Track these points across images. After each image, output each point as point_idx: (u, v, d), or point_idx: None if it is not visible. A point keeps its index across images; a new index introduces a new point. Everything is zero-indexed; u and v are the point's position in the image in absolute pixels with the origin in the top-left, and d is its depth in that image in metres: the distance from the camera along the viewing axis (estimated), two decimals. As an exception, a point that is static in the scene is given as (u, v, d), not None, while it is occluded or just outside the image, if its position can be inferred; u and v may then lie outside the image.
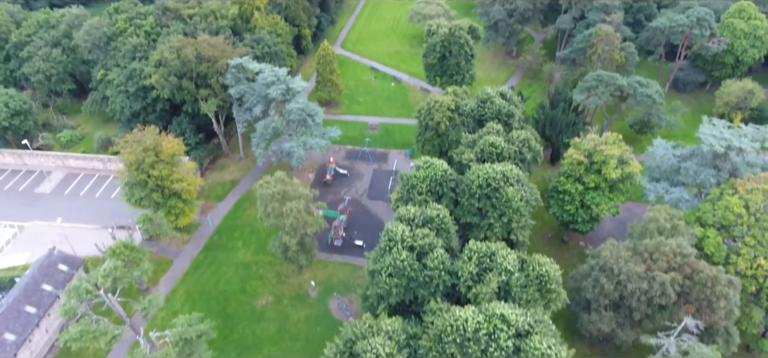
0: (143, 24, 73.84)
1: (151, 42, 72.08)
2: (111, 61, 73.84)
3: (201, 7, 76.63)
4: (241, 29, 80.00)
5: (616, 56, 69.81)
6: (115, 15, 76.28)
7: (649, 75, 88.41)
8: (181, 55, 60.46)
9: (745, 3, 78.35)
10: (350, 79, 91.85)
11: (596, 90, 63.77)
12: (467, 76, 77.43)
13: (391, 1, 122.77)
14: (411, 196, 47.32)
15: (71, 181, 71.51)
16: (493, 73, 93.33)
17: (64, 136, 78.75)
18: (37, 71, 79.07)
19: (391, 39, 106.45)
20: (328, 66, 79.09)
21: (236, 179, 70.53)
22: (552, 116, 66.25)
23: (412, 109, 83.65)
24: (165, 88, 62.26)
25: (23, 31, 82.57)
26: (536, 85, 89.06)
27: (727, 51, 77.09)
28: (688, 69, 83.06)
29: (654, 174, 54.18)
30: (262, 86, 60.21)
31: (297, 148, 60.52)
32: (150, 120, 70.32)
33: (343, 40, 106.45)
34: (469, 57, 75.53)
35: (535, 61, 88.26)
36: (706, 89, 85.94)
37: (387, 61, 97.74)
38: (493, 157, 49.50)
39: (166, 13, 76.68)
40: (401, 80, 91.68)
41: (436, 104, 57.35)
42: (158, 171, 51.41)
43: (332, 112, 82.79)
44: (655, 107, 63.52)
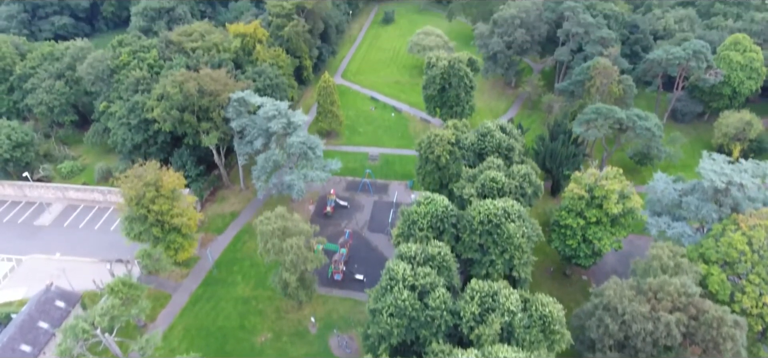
0: (146, 57, 74.74)
1: (154, 75, 72.83)
2: (114, 93, 74.48)
3: (204, 40, 77.73)
4: (244, 61, 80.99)
5: (615, 89, 70.46)
6: (118, 48, 77.29)
7: (648, 105, 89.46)
8: (184, 89, 60.98)
9: (740, 36, 79.58)
10: (351, 109, 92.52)
11: (595, 123, 64.17)
12: (467, 107, 78.12)
13: (390, 32, 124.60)
14: (412, 232, 47.07)
15: (71, 213, 71.28)
16: (493, 103, 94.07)
17: (65, 167, 78.86)
18: (41, 103, 79.67)
19: (391, 69, 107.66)
20: (328, 97, 79.75)
21: (236, 210, 70.32)
22: (552, 148, 66.47)
23: (412, 139, 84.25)
24: (167, 121, 62.61)
25: (28, 63, 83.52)
26: (535, 115, 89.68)
27: (724, 82, 77.85)
28: (686, 100, 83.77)
29: (655, 208, 54.04)
30: (264, 120, 60.58)
31: (298, 181, 60.52)
32: (151, 152, 70.67)
33: (343, 70, 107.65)
34: (469, 89, 76.31)
35: (534, 91, 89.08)
36: (704, 119, 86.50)
37: (387, 92, 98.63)
38: (493, 193, 49.45)
39: (169, 46, 77.73)
40: (401, 110, 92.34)
41: (436, 138, 57.56)
42: (158, 206, 51.26)
43: (333, 142, 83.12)
44: (654, 140, 63.82)
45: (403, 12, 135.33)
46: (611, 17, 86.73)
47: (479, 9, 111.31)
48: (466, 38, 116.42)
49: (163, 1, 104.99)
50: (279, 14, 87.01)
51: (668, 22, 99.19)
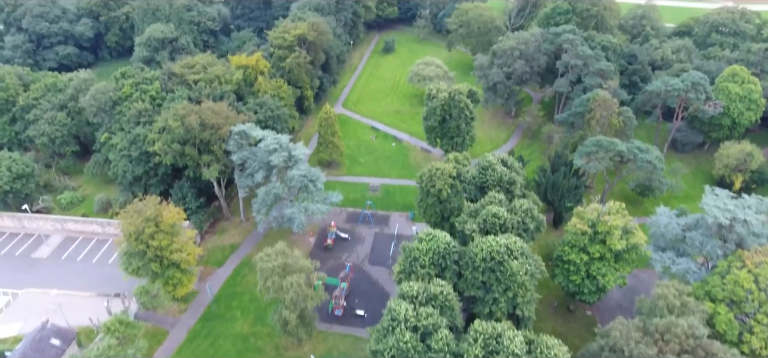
0: (149, 89, 75.28)
1: (156, 107, 73.22)
2: (115, 125, 74.76)
3: (206, 72, 78.42)
4: (245, 93, 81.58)
5: (615, 121, 70.70)
6: (121, 80, 77.92)
7: (647, 135, 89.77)
8: (185, 122, 61.15)
9: (738, 68, 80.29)
10: (351, 138, 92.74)
11: (596, 155, 64.16)
12: (467, 138, 78.33)
13: (391, 61, 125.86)
14: (413, 268, 46.54)
15: (69, 245, 70.67)
16: (493, 133, 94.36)
17: (65, 198, 78.59)
18: (42, 134, 79.89)
19: (392, 98, 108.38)
20: (329, 128, 80.00)
21: (236, 243, 69.76)
22: (553, 180, 66.35)
23: (413, 169, 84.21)
24: (168, 154, 62.63)
25: (31, 95, 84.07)
26: (536, 145, 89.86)
27: (723, 114, 78.16)
28: (686, 130, 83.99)
29: (659, 243, 53.54)
30: (265, 153, 60.58)
31: (298, 215, 60.18)
32: (151, 184, 70.54)
33: (344, 99, 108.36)
34: (469, 120, 76.61)
35: (534, 121, 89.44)
36: (704, 149, 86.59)
37: (387, 121, 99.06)
38: (496, 228, 49.09)
39: (172, 78, 78.37)
40: (402, 140, 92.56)
41: (437, 172, 57.38)
42: (158, 241, 50.79)
43: (334, 173, 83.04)
44: (656, 172, 63.72)
45: (404, 41, 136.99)
46: (609, 49, 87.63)
47: (478, 39, 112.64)
48: (465, 68, 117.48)
49: (167, 32, 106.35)
50: (281, 46, 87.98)
51: (666, 53, 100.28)
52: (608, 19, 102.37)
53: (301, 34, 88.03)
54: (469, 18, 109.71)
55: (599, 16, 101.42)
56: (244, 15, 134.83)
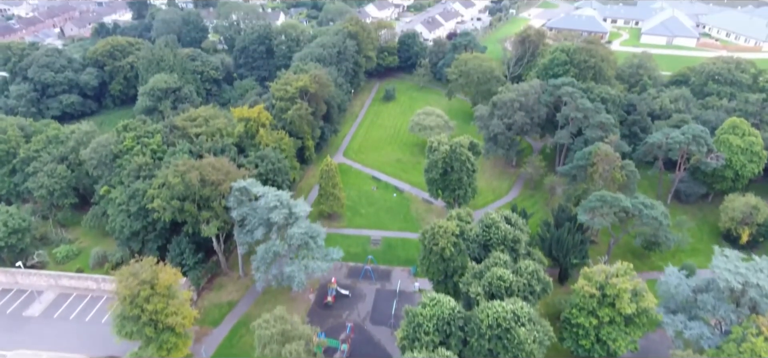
0: (150, 143, 75.25)
1: (157, 161, 72.95)
2: (115, 178, 74.30)
3: (208, 125, 78.65)
4: (247, 145, 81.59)
5: (617, 176, 70.29)
6: (123, 133, 77.99)
7: (650, 185, 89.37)
8: (186, 179, 60.63)
9: (738, 120, 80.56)
10: (352, 189, 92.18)
11: (601, 210, 63.39)
12: (469, 190, 77.70)
13: (391, 110, 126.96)
14: (417, 335, 44.88)
15: (62, 302, 68.82)
16: (495, 183, 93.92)
17: (61, 251, 77.21)
18: (41, 186, 79.27)
19: (393, 147, 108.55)
20: (330, 180, 79.53)
21: (234, 300, 67.99)
22: (558, 236, 65.30)
23: (414, 222, 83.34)
24: (167, 210, 61.81)
25: (32, 146, 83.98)
26: (538, 195, 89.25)
27: (726, 166, 77.88)
28: (689, 181, 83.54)
29: (669, 305, 51.99)
30: (265, 210, 59.75)
31: (298, 273, 58.77)
32: (149, 239, 69.36)
33: (345, 148, 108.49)
34: (471, 172, 76.16)
35: (536, 172, 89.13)
36: (708, 201, 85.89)
37: (389, 171, 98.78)
38: (501, 292, 47.73)
39: (174, 131, 78.52)
40: (403, 191, 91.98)
41: (440, 230, 56.39)
42: (153, 305, 49.21)
43: (334, 225, 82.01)
44: (662, 228, 62.76)
45: (404, 89, 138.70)
46: (608, 101, 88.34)
47: (478, 89, 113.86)
48: (465, 116, 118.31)
49: (170, 82, 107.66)
50: (282, 98, 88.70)
51: (664, 102, 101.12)
52: (606, 69, 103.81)
53: (302, 86, 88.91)
54: (469, 68, 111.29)
55: (597, 67, 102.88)
56: (246, 64, 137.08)
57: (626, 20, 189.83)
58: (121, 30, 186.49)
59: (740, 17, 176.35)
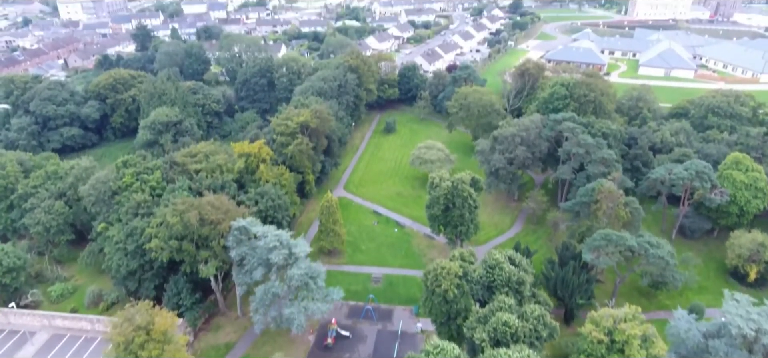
0: (149, 179, 74.67)
1: (156, 198, 72.23)
2: (113, 215, 73.47)
3: (208, 161, 78.24)
4: (247, 181, 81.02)
5: (622, 213, 69.49)
6: (123, 169, 77.51)
7: (654, 220, 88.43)
8: (184, 218, 59.81)
9: (740, 155, 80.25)
10: (353, 224, 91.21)
11: (606, 249, 62.36)
12: (471, 226, 76.81)
13: (392, 142, 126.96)
14: (421, 385, 43.34)
15: (56, 343, 66.97)
16: (497, 218, 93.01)
17: (56, 289, 75.80)
18: (38, 223, 78.40)
19: (394, 180, 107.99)
20: (331, 216, 78.65)
21: (232, 341, 66.25)
22: (563, 275, 64.10)
23: (416, 258, 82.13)
24: (164, 251, 60.78)
25: (30, 182, 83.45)
26: (541, 230, 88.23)
27: (730, 202, 77.14)
28: (693, 216, 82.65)
29: (680, 350, 50.44)
30: (264, 250, 58.70)
31: (297, 315, 57.35)
32: (146, 278, 68.06)
33: (346, 182, 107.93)
34: (473, 208, 75.43)
35: (538, 207, 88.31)
36: (714, 236, 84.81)
37: (389, 205, 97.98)
38: (507, 338, 46.34)
39: (173, 168, 78.08)
40: (404, 226, 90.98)
41: (443, 271, 55.28)
42: (148, 351, 47.71)
43: (335, 262, 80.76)
44: (669, 268, 61.60)
45: (405, 121, 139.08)
46: (610, 135, 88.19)
47: (478, 121, 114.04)
48: (466, 149, 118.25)
49: (171, 116, 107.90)
50: (283, 133, 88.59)
51: (665, 135, 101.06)
52: (606, 103, 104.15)
53: (303, 121, 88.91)
54: (469, 102, 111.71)
55: (597, 101, 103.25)
56: (248, 96, 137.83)
57: (624, 52, 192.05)
58: (125, 62, 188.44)
59: (736, 49, 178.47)
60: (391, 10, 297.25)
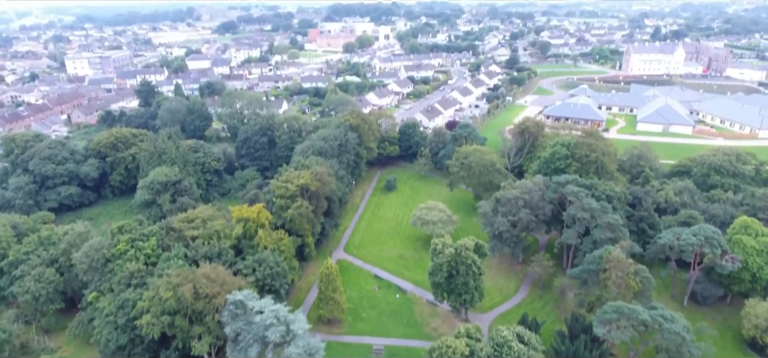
0: (144, 247, 72.71)
1: (150, 267, 70.04)
2: (105, 284, 71.07)
3: (205, 227, 76.57)
4: (245, 246, 79.09)
5: (632, 283, 67.16)
6: (117, 235, 75.67)
7: (664, 286, 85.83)
8: (178, 292, 57.47)
9: (749, 220, 78.83)
10: (353, 289, 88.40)
11: (618, 323, 59.66)
12: (476, 294, 74.40)
13: (393, 200, 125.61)
14: None
15: (36, 425, 62.99)
16: (501, 282, 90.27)
17: (41, 363, 72.20)
18: (27, 291, 75.73)
19: (395, 241, 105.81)
20: (330, 284, 76.09)
21: (223, 423, 62.28)
22: (574, 351, 61.07)
23: (419, 327, 79.01)
24: (156, 326, 58.11)
25: (22, 248, 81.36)
26: (547, 296, 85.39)
27: (742, 268, 74.92)
28: (705, 282, 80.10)
29: None
30: (261, 326, 56.03)
31: (294, 398, 53.94)
32: (136, 353, 64.87)
33: (346, 243, 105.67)
34: (477, 275, 73.33)
35: (544, 272, 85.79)
36: (727, 302, 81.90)
37: (391, 268, 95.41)
38: (519, 430, 43.16)
39: (170, 234, 76.27)
40: (406, 291, 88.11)
41: (448, 350, 52.62)
42: None
43: (334, 331, 77.49)
44: (685, 344, 58.61)
45: (405, 178, 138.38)
46: (614, 198, 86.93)
47: (480, 180, 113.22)
48: (468, 207, 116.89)
49: (170, 175, 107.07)
50: (283, 196, 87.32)
51: (668, 195, 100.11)
52: (607, 163, 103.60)
53: (304, 183, 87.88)
54: (470, 162, 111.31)
55: (598, 161, 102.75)
56: (248, 154, 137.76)
57: (621, 107, 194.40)
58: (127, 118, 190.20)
59: (733, 104, 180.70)
60: (390, 65, 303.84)
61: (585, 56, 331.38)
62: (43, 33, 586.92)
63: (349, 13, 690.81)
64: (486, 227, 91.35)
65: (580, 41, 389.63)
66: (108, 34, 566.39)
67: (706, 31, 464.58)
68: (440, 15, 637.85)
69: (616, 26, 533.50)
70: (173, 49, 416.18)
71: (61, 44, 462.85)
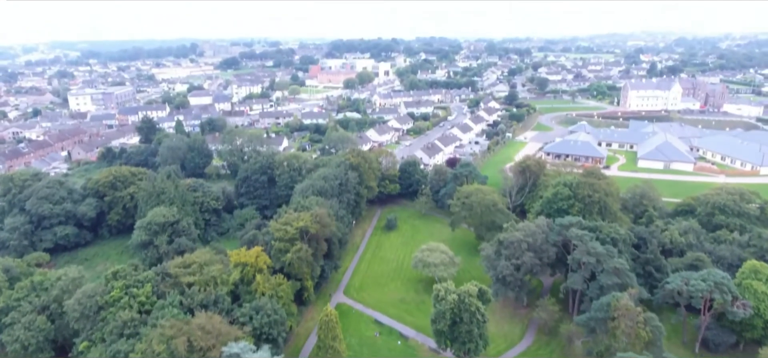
0: (139, 294, 70.74)
1: (144, 315, 67.89)
2: (97, 333, 68.70)
3: (202, 273, 74.78)
4: (242, 292, 77.08)
5: (642, 333, 64.96)
6: (112, 281, 73.77)
7: (674, 332, 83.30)
8: (172, 345, 55.30)
9: (758, 264, 77.23)
10: (353, 335, 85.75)
11: (630, 377, 57.28)
12: (480, 342, 71.98)
13: (393, 240, 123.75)
14: None
15: None
16: (506, 327, 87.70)
17: (26, 417, 69.15)
18: (16, 340, 73.16)
19: (396, 284, 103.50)
20: (330, 332, 73.44)
21: None
22: (584, 407, 58.32)
23: (421, 378, 76.04)
24: (147, 382, 55.64)
25: (14, 295, 79.18)
26: (554, 343, 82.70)
27: (754, 314, 72.80)
28: (716, 328, 77.70)
29: None
30: (257, 382, 53.68)
31: None
32: (125, 408, 62.01)
33: (345, 286, 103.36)
34: (481, 323, 71.12)
35: (550, 317, 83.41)
36: (740, 349, 79.22)
37: (392, 312, 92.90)
38: None
39: (165, 280, 74.43)
40: (408, 337, 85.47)
41: (453, 408, 50.05)
42: None
43: (333, 382, 74.51)
44: (700, 400, 56.12)
45: (406, 217, 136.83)
46: (619, 240, 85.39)
47: (481, 220, 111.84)
48: (470, 248, 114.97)
49: (168, 216, 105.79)
50: (282, 239, 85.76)
51: (674, 235, 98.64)
52: (611, 204, 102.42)
53: (303, 226, 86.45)
54: (472, 202, 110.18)
55: (601, 202, 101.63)
56: (248, 193, 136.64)
57: (621, 144, 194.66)
58: (128, 154, 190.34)
59: (733, 141, 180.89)
60: (390, 101, 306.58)
61: (583, 92, 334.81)
62: (48, 68, 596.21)
63: (349, 49, 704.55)
64: (489, 271, 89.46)
65: (578, 77, 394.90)
66: (112, 70, 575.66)
67: (701, 66, 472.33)
68: (439, 51, 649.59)
69: (613, 62, 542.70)
70: (176, 85, 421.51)
71: (65, 80, 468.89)
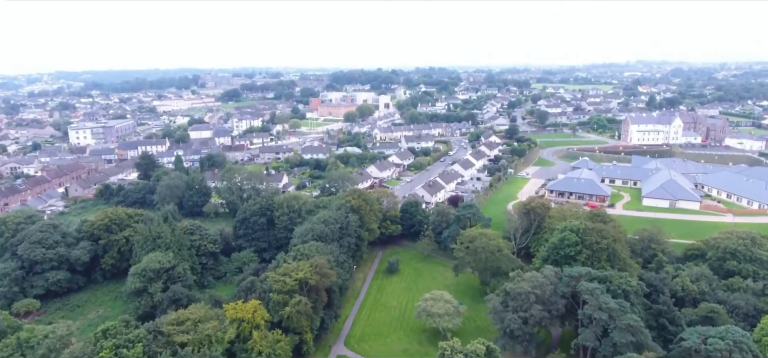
0: (129, 355, 67.17)
1: (133, 379, 64.36)
2: (83, 399, 64.96)
3: (196, 330, 71.44)
4: (238, 350, 73.53)
5: (662, 400, 61.29)
6: (102, 340, 70.32)
7: (691, 391, 79.14)
8: (161, 420, 51.70)
9: (777, 322, 73.96)
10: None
11: None
12: (489, 405, 68.01)
13: (395, 284, 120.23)
14: None
15: None
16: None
17: None
18: (-2, 404, 69.42)
19: (399, 334, 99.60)
20: (330, 394, 69.88)
21: None
22: None
23: None
24: None
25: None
26: (565, 402, 78.66)
27: (777, 377, 69.27)
28: (736, 390, 73.83)
29: None
30: None
31: None
32: None
33: (346, 336, 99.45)
34: (490, 385, 67.32)
35: (561, 375, 79.64)
36: (761, 411, 75.19)
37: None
38: None
39: (158, 338, 71.03)
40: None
41: None
42: None
43: None
44: None
45: (408, 259, 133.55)
46: (631, 292, 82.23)
47: (486, 264, 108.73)
48: (474, 293, 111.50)
49: (164, 262, 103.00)
50: (280, 291, 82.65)
51: (685, 282, 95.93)
52: (619, 251, 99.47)
53: (302, 277, 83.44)
54: (476, 246, 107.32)
55: (610, 248, 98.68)
56: (246, 235, 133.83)
57: (624, 181, 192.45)
58: (126, 192, 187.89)
59: (737, 179, 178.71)
60: (391, 135, 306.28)
61: (583, 125, 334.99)
62: (50, 99, 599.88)
63: (349, 81, 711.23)
64: (496, 324, 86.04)
65: (578, 110, 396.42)
66: (114, 102, 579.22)
67: (699, 98, 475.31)
68: (438, 83, 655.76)
69: (611, 93, 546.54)
70: (177, 118, 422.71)
71: (67, 112, 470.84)
